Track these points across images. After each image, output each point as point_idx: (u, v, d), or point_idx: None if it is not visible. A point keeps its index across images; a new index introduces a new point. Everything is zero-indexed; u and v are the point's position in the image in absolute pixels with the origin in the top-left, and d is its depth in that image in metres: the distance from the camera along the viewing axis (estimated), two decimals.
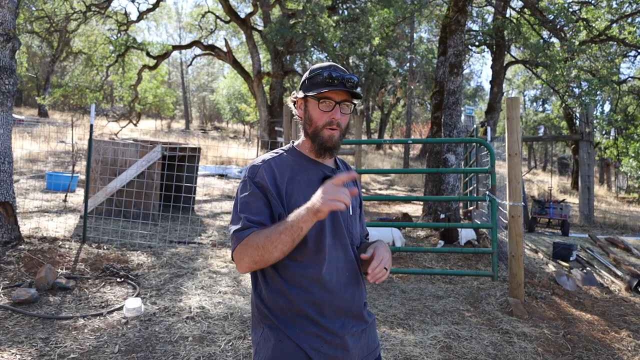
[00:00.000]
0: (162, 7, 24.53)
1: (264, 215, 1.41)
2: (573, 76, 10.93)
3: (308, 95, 1.50)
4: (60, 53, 24.72)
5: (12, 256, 4.65)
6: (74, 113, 25.58)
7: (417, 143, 18.03)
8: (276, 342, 1.41)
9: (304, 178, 1.49)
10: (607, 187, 22.41)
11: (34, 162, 12.67)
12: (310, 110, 1.51)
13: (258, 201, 1.42)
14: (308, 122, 1.52)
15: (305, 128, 1.54)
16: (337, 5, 16.65)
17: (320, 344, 1.40)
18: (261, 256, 1.33)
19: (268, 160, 1.49)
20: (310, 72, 1.53)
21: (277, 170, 1.46)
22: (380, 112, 32.02)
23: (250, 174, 1.46)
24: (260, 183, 1.43)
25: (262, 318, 1.46)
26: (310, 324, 1.41)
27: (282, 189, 1.44)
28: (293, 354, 1.39)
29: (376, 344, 1.60)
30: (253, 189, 1.43)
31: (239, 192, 1.47)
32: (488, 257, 6.03)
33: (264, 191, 1.43)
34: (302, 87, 1.55)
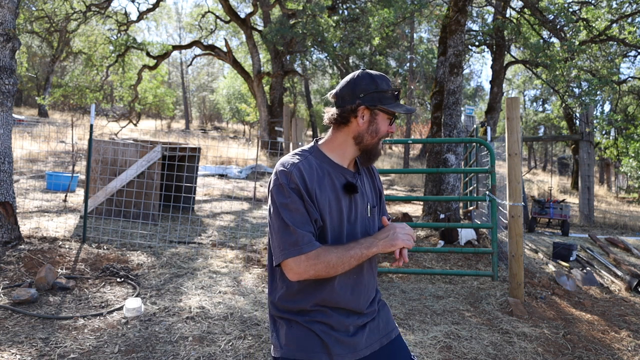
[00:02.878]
0: (162, 7, 24.54)
1: (309, 224, 1.45)
2: (573, 76, 10.93)
3: (388, 109, 1.54)
4: (60, 53, 24.72)
5: (12, 256, 4.65)
6: (74, 113, 25.58)
7: (417, 143, 18.05)
8: (288, 328, 1.52)
9: (329, 183, 1.52)
10: (607, 187, 22.42)
11: (34, 162, 12.67)
12: (379, 123, 1.56)
13: (300, 209, 1.44)
14: (372, 133, 1.56)
15: (361, 137, 1.56)
16: (337, 5, 16.65)
17: (329, 329, 1.52)
18: (327, 273, 1.43)
19: (297, 164, 1.49)
20: (379, 84, 1.55)
21: (306, 175, 1.48)
22: None
23: (285, 180, 1.46)
24: (296, 189, 1.45)
25: (280, 314, 1.55)
26: (321, 315, 1.52)
27: (313, 193, 1.47)
28: (306, 336, 1.50)
29: (391, 327, 1.70)
30: (292, 196, 1.45)
31: (275, 197, 1.46)
32: (488, 257, 6.03)
33: (301, 198, 1.45)
34: (368, 96, 1.54)
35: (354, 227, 1.55)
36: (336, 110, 1.57)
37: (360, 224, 1.57)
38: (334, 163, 1.57)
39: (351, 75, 1.59)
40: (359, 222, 1.57)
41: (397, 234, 1.49)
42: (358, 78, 1.56)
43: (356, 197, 1.58)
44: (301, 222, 1.43)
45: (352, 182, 1.56)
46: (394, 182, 18.36)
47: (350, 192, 1.54)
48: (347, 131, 1.57)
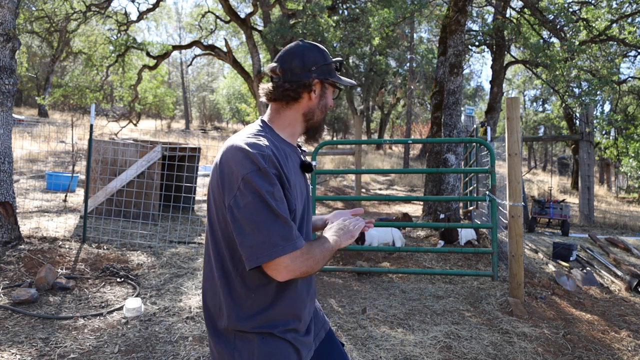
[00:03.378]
0: (162, 7, 24.54)
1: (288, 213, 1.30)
2: (573, 76, 10.93)
3: (339, 82, 1.46)
4: (60, 53, 24.72)
5: (12, 256, 4.65)
6: (74, 113, 25.58)
7: (417, 143, 18.04)
8: (261, 343, 1.33)
9: (292, 165, 1.40)
10: (607, 187, 22.42)
11: (34, 162, 12.66)
12: (328, 97, 1.48)
13: (283, 198, 1.28)
14: (322, 108, 1.47)
15: (314, 114, 1.46)
16: (337, 5, 16.65)
17: (296, 334, 1.40)
18: (313, 269, 1.30)
19: (269, 146, 1.32)
20: (326, 56, 1.46)
21: (280, 158, 1.33)
22: (380, 112, 32.02)
23: (265, 163, 1.27)
24: (278, 175, 1.29)
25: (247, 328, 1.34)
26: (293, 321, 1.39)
27: (288, 178, 1.33)
28: (282, 347, 1.36)
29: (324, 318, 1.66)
30: (277, 183, 1.27)
31: (257, 184, 1.24)
32: (488, 257, 6.03)
33: (282, 185, 1.30)
34: (318, 70, 1.44)
35: (309, 209, 1.48)
36: (288, 85, 1.41)
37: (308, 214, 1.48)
38: (288, 142, 1.45)
39: (295, 47, 1.45)
40: (310, 203, 1.50)
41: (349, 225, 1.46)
42: (306, 49, 1.44)
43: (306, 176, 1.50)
44: (288, 216, 1.27)
45: (308, 161, 1.46)
46: (394, 182, 18.35)
47: (307, 171, 1.46)
48: (297, 108, 1.45)
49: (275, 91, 1.43)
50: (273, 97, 1.44)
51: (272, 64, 1.47)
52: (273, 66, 1.45)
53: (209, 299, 1.40)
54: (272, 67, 1.45)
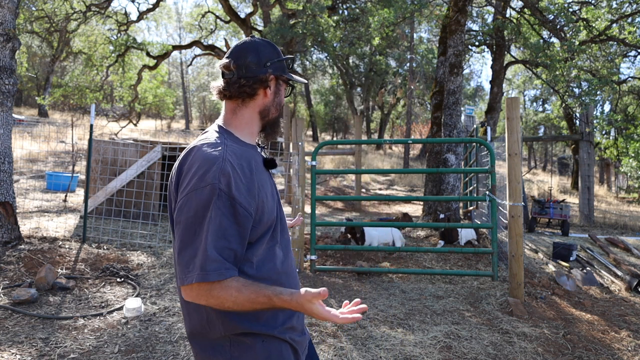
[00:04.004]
0: (162, 7, 24.54)
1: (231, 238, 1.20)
2: (573, 76, 10.93)
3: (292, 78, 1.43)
4: (60, 53, 24.72)
5: (12, 256, 4.65)
6: (74, 113, 25.57)
7: (417, 143, 18.04)
8: (261, 345, 1.28)
9: (257, 167, 1.33)
10: (607, 187, 22.41)
11: (34, 162, 12.66)
12: (281, 94, 1.43)
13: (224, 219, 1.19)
14: (277, 105, 1.42)
15: (269, 111, 1.41)
16: (337, 5, 16.65)
17: (294, 333, 1.37)
18: (229, 308, 1.20)
19: (226, 156, 1.23)
20: (279, 52, 1.42)
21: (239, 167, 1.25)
22: (380, 112, 32.03)
23: (213, 178, 1.19)
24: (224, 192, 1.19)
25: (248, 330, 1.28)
26: (282, 317, 1.34)
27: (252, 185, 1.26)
28: (282, 348, 1.32)
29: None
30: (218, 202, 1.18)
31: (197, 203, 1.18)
32: (488, 257, 6.03)
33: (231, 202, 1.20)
34: (272, 65, 1.39)
35: (279, 206, 1.42)
36: (244, 81, 1.35)
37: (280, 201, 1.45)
38: (248, 144, 1.38)
39: (247, 43, 1.39)
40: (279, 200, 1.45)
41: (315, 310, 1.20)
42: (260, 45, 1.39)
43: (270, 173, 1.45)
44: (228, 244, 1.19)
45: (270, 157, 1.40)
46: (394, 182, 18.35)
47: (271, 167, 1.40)
48: (253, 106, 1.39)
49: (230, 88, 1.37)
50: (228, 94, 1.37)
51: (224, 60, 1.39)
52: (226, 62, 1.37)
53: (191, 314, 1.31)
54: (224, 63, 1.38)
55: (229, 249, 1.20)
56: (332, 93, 31.15)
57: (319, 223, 5.44)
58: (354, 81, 26.86)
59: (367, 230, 6.21)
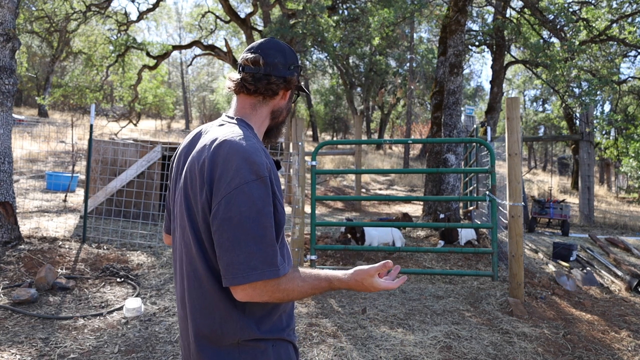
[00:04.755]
0: (162, 7, 24.54)
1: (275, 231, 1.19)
2: (573, 76, 10.93)
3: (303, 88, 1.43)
4: (60, 53, 24.72)
5: (12, 256, 4.65)
6: (74, 113, 25.57)
7: (417, 143, 18.04)
8: (273, 350, 1.26)
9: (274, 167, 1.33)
10: (607, 187, 22.41)
11: (34, 162, 12.66)
12: (288, 101, 1.42)
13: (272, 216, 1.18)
14: (288, 109, 1.42)
15: (280, 113, 1.41)
16: (337, 5, 16.65)
17: (293, 335, 1.37)
18: (292, 298, 1.20)
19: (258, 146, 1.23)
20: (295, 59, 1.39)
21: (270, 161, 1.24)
22: (380, 112, 32.03)
23: (259, 168, 1.16)
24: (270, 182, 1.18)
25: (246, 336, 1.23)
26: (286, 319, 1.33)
27: (280, 185, 1.25)
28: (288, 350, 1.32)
29: None
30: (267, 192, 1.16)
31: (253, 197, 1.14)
32: (488, 257, 6.03)
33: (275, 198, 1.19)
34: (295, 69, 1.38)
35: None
36: (274, 79, 1.33)
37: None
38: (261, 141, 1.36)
39: (277, 43, 1.37)
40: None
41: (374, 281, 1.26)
42: (285, 47, 1.37)
43: None
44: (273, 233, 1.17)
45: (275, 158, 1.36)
46: (394, 182, 18.35)
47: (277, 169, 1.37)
48: (270, 105, 1.37)
49: (257, 83, 1.32)
50: (253, 88, 1.33)
51: (250, 54, 1.34)
52: (255, 57, 1.33)
53: (200, 320, 1.24)
54: (253, 57, 1.33)
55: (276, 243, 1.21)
56: (332, 93, 31.15)
57: (319, 223, 5.44)
58: (354, 81, 26.86)
59: (367, 230, 6.21)
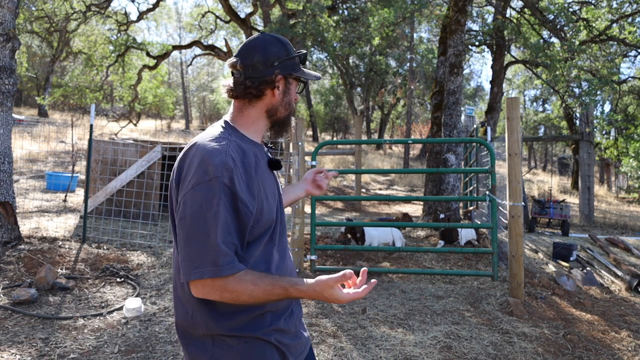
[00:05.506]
0: (162, 7, 24.55)
1: (233, 232, 1.19)
2: (573, 76, 10.93)
3: (302, 76, 1.39)
4: (60, 53, 24.72)
5: (12, 256, 4.65)
6: (74, 113, 25.57)
7: (417, 143, 18.04)
8: (241, 347, 1.25)
9: (259, 165, 1.32)
10: (607, 187, 22.41)
11: (34, 162, 12.67)
12: (292, 92, 1.40)
13: (226, 213, 1.18)
14: (286, 105, 1.39)
15: (277, 111, 1.38)
16: (337, 5, 16.65)
17: (282, 336, 1.33)
18: (246, 302, 1.20)
19: (228, 150, 1.23)
20: (289, 49, 1.37)
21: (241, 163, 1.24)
22: (380, 112, 32.03)
23: (216, 172, 1.18)
24: (227, 186, 1.18)
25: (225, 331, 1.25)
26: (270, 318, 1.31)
27: (253, 183, 1.25)
28: (266, 351, 1.28)
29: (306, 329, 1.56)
30: (220, 195, 1.17)
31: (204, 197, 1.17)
32: (488, 257, 6.03)
33: (233, 197, 1.19)
34: (281, 64, 1.35)
35: (282, 207, 1.41)
36: (249, 82, 1.33)
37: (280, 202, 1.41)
38: (254, 141, 1.36)
39: (255, 40, 1.36)
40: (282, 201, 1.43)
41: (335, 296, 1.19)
42: (267, 43, 1.35)
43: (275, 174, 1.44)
44: (231, 237, 1.18)
45: (275, 158, 1.39)
46: (394, 182, 18.35)
47: (276, 168, 1.38)
48: (260, 105, 1.36)
49: (236, 88, 1.35)
50: (234, 94, 1.36)
51: (232, 58, 1.37)
52: (233, 61, 1.36)
53: (178, 308, 1.31)
54: (232, 62, 1.36)
55: (233, 244, 1.19)
56: (332, 93, 31.14)
57: (319, 223, 5.44)
58: (354, 81, 26.86)
59: (367, 230, 6.21)
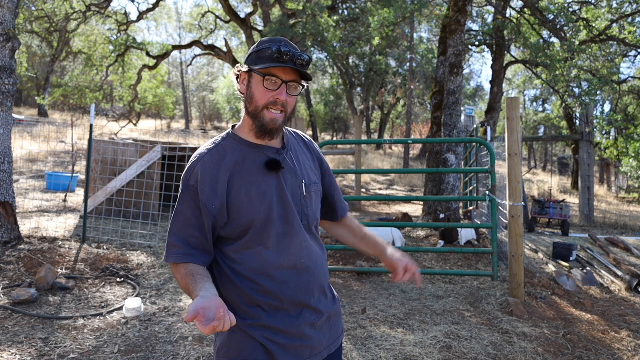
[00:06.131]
0: (162, 7, 24.54)
1: (192, 227, 1.33)
2: (573, 76, 10.92)
3: (253, 69, 1.35)
4: (60, 53, 24.71)
5: (12, 256, 4.65)
6: (74, 113, 25.57)
7: (417, 143, 18.04)
8: (229, 332, 1.33)
9: (245, 167, 1.35)
10: (607, 187, 22.41)
11: (34, 162, 12.67)
12: (254, 87, 1.35)
13: (188, 210, 1.33)
14: (249, 99, 1.37)
15: (245, 106, 1.39)
16: (337, 5, 16.65)
17: (274, 334, 1.33)
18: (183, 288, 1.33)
19: (204, 155, 1.36)
20: (259, 45, 1.38)
21: (213, 166, 1.33)
22: (380, 112, 32.02)
23: (185, 176, 1.35)
24: (193, 187, 1.33)
25: None
26: (263, 314, 1.33)
27: (222, 185, 1.32)
28: (247, 345, 1.32)
29: (340, 332, 1.52)
30: (185, 195, 1.34)
31: (180, 192, 1.37)
32: (488, 257, 6.03)
33: (195, 197, 1.32)
34: (247, 60, 1.39)
35: (285, 208, 1.38)
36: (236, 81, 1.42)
37: (296, 204, 1.40)
38: (251, 143, 1.39)
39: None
40: (292, 203, 1.39)
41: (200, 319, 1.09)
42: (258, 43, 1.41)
43: (286, 175, 1.39)
44: (182, 228, 1.34)
45: (274, 158, 1.37)
46: (394, 182, 18.35)
47: (273, 169, 1.36)
48: (244, 102, 1.41)
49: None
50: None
51: None
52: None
53: None
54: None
55: (194, 237, 1.33)
56: (332, 93, 31.13)
57: None
58: (354, 81, 26.85)
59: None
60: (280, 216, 1.36)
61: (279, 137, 1.42)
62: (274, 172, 1.38)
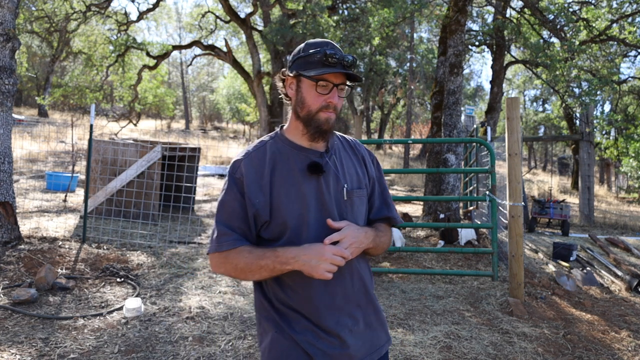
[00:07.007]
0: (162, 7, 24.55)
1: (239, 218, 1.37)
2: (573, 76, 10.93)
3: (304, 75, 1.37)
4: (60, 53, 24.72)
5: (12, 256, 4.65)
6: (74, 113, 25.57)
7: (417, 143, 18.03)
8: (274, 335, 1.38)
9: (286, 167, 1.38)
10: (607, 187, 22.41)
11: (34, 162, 12.67)
12: (304, 92, 1.38)
13: (235, 202, 1.37)
14: (300, 104, 1.39)
15: (295, 110, 1.41)
16: (337, 5, 16.65)
17: (315, 338, 1.36)
18: (237, 276, 1.39)
19: (250, 152, 1.42)
20: (306, 49, 1.40)
21: (259, 163, 1.39)
22: (380, 112, 32.02)
23: (231, 169, 1.40)
24: (239, 180, 1.37)
25: (261, 310, 1.44)
26: (303, 318, 1.37)
27: (266, 182, 1.37)
28: (291, 348, 1.36)
29: (383, 341, 1.50)
30: (232, 187, 1.38)
31: (224, 187, 1.41)
32: (488, 257, 6.02)
33: (241, 189, 1.37)
34: (294, 64, 1.41)
35: (323, 212, 1.38)
36: (281, 84, 1.46)
37: (336, 208, 1.40)
38: (296, 145, 1.42)
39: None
40: (333, 206, 1.39)
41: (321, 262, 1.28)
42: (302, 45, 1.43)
43: (328, 179, 1.40)
44: (229, 219, 1.37)
45: (316, 161, 1.38)
46: (394, 182, 18.35)
47: (314, 172, 1.37)
48: (292, 107, 1.44)
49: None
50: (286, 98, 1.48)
51: None
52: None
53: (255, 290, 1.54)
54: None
55: (240, 228, 1.38)
56: None
57: None
58: None
59: None
60: (317, 220, 1.37)
61: (329, 139, 1.45)
62: (315, 176, 1.38)
